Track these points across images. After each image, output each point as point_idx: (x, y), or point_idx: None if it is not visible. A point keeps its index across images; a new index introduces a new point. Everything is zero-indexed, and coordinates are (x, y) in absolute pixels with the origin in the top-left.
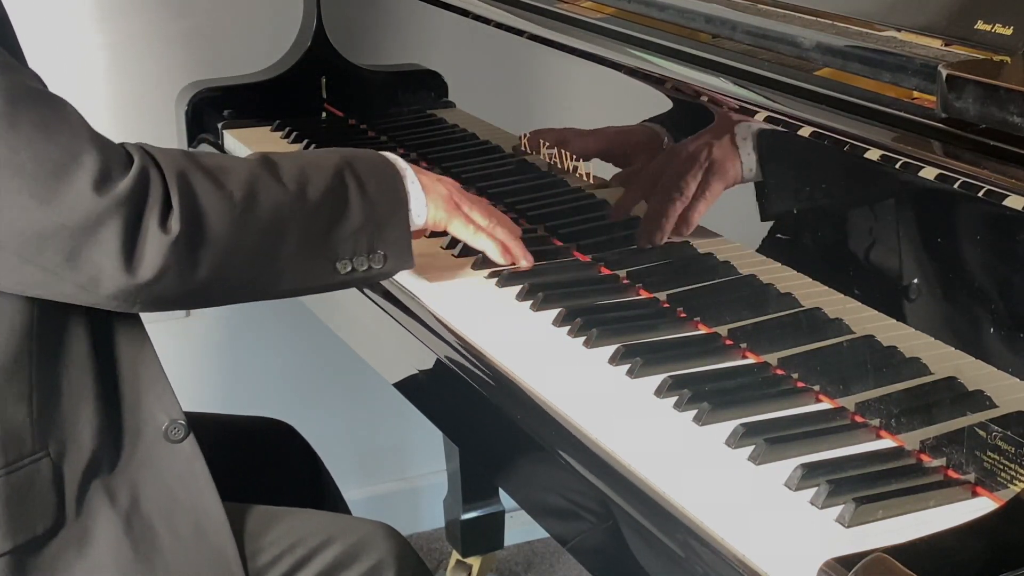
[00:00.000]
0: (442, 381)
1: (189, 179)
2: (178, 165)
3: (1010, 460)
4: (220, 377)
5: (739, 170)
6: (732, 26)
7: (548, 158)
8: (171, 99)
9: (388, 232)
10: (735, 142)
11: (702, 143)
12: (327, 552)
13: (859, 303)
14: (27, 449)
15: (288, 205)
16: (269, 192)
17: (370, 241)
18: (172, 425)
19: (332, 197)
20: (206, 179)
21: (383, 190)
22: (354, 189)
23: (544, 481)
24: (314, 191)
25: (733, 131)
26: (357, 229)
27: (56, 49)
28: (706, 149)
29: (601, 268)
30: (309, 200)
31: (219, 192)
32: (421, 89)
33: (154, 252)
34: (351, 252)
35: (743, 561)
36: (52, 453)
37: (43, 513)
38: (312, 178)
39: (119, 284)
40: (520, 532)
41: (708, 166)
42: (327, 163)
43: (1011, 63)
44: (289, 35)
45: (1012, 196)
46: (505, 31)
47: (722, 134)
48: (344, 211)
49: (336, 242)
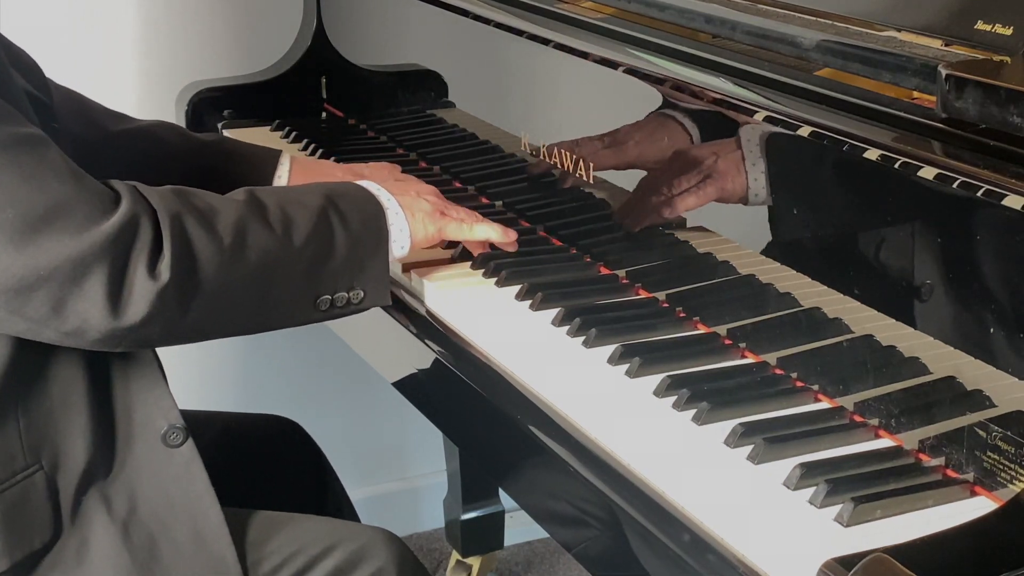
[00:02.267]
0: (442, 381)
1: (183, 223)
2: (171, 207)
3: (1010, 460)
4: (220, 377)
5: (745, 188)
6: (732, 26)
7: (548, 158)
8: (171, 99)
9: (368, 270)
10: (745, 160)
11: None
12: (328, 560)
13: (858, 303)
14: (19, 465)
15: (275, 248)
16: (257, 236)
17: (350, 279)
18: (170, 430)
19: (317, 238)
20: (198, 224)
21: (366, 228)
22: (338, 228)
23: (543, 481)
24: (299, 233)
25: (746, 149)
26: (339, 268)
27: (56, 49)
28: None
29: (600, 268)
30: (295, 242)
31: (210, 237)
32: (421, 89)
33: (141, 298)
34: (332, 290)
35: (742, 560)
36: (45, 466)
37: (40, 527)
38: (297, 219)
39: (105, 329)
40: (520, 532)
41: (711, 176)
42: (312, 202)
43: (1011, 63)
44: (289, 35)
45: (1012, 196)
46: (505, 31)
47: (734, 149)
48: (329, 251)
49: (318, 281)
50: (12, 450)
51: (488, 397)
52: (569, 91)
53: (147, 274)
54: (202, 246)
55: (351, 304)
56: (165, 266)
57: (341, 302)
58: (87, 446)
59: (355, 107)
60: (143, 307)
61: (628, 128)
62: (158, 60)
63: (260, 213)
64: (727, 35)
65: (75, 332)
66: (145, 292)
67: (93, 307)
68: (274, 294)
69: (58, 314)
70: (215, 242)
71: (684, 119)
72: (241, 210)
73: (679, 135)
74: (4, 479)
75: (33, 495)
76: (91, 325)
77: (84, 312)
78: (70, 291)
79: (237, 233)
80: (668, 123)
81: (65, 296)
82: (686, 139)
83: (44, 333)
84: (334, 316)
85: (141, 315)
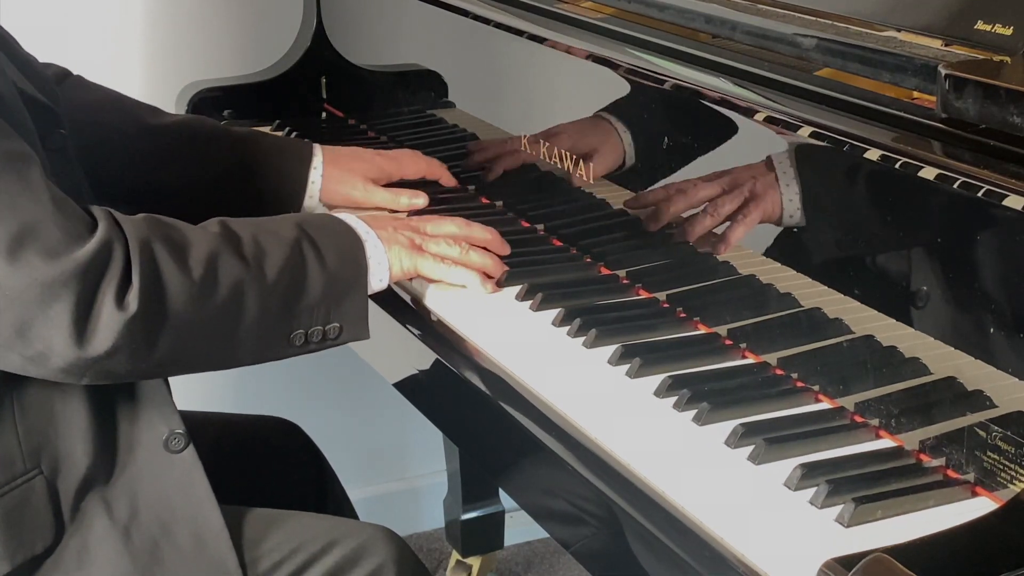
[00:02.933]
0: (442, 381)
1: (153, 254)
2: (143, 236)
3: (1010, 460)
4: (220, 377)
5: (779, 207)
6: (732, 26)
7: (548, 158)
8: (171, 99)
9: (346, 305)
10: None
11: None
12: (328, 557)
13: (859, 303)
14: (18, 469)
15: (247, 282)
16: (228, 269)
17: (326, 314)
18: (172, 436)
19: (290, 272)
20: (169, 256)
21: (343, 262)
22: (312, 262)
23: (543, 481)
24: (272, 266)
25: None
26: (315, 303)
27: (56, 49)
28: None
29: (601, 268)
30: (267, 276)
31: (180, 269)
32: (421, 89)
33: (107, 328)
34: (307, 325)
35: (742, 561)
36: (45, 470)
37: (41, 531)
38: (270, 252)
39: (68, 359)
40: (520, 532)
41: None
42: (286, 234)
43: (1011, 63)
44: (289, 35)
45: (1012, 196)
46: (505, 31)
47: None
48: (302, 285)
49: (292, 316)
50: (11, 455)
51: (489, 397)
52: (569, 91)
53: (115, 304)
54: (172, 278)
55: (327, 339)
56: (133, 297)
57: (316, 336)
58: (88, 451)
59: (355, 107)
60: (109, 338)
61: (629, 128)
62: (159, 60)
63: (233, 245)
64: (727, 35)
65: (38, 358)
66: (112, 323)
67: (58, 334)
68: (245, 329)
69: (22, 338)
70: (185, 274)
71: (683, 119)
72: (213, 243)
73: (678, 135)
74: (4, 483)
75: (33, 499)
76: (55, 352)
77: (48, 338)
78: (36, 315)
79: (208, 266)
80: (666, 123)
81: (31, 320)
82: (686, 139)
83: (7, 357)
84: (309, 351)
85: (106, 346)
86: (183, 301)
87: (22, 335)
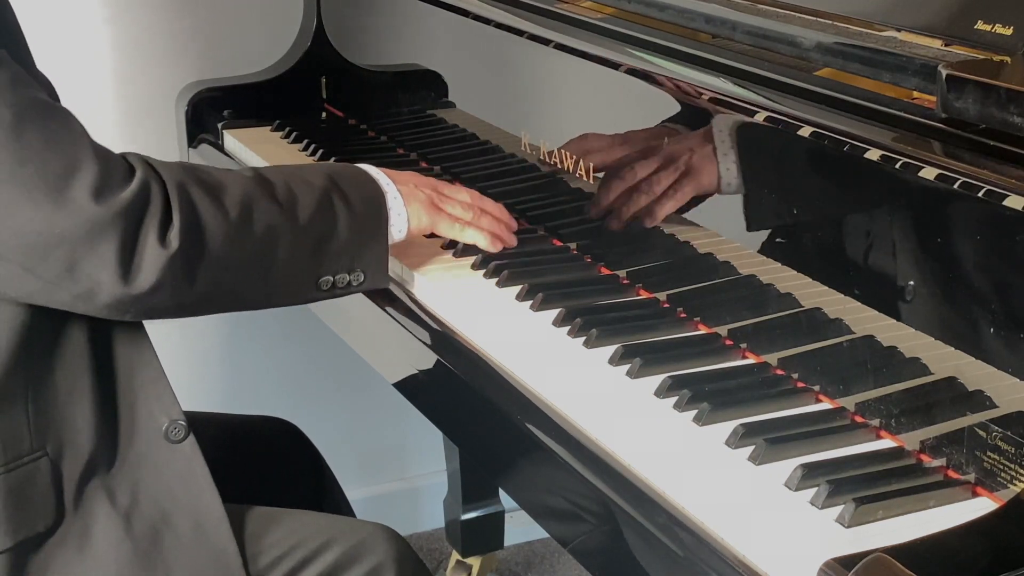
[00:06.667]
0: (442, 381)
1: (190, 194)
2: (179, 179)
3: (1010, 460)
4: (220, 377)
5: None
6: (732, 26)
7: (548, 158)
8: (171, 99)
9: (368, 252)
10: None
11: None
12: (327, 554)
13: (859, 303)
14: (25, 448)
15: (280, 224)
16: (263, 211)
17: (351, 260)
18: (172, 425)
19: (320, 217)
20: (205, 195)
21: (367, 210)
22: (341, 209)
23: (544, 481)
24: (304, 211)
25: (718, 138)
26: (341, 248)
27: (56, 49)
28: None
29: (601, 268)
30: (299, 219)
31: (217, 209)
32: (421, 89)
33: (151, 265)
34: (333, 270)
35: (743, 561)
36: (50, 452)
37: (43, 511)
38: (301, 197)
39: (115, 295)
40: (520, 532)
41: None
42: (316, 182)
43: (1011, 63)
44: (289, 35)
45: (1012, 196)
46: (505, 31)
47: (708, 138)
48: (332, 231)
49: (320, 260)
50: (20, 432)
51: (489, 397)
52: (569, 91)
53: (158, 242)
54: (209, 217)
55: (351, 285)
56: (174, 234)
57: (342, 283)
58: (91, 438)
59: (355, 107)
60: (153, 274)
61: (629, 128)
62: (159, 60)
63: (266, 189)
64: (727, 35)
65: (86, 295)
66: (155, 259)
67: (105, 271)
68: (278, 270)
69: (71, 275)
70: (222, 214)
71: (683, 119)
72: (248, 186)
73: (677, 135)
74: (11, 459)
75: (38, 480)
76: (102, 289)
77: (96, 275)
78: (84, 254)
79: (244, 207)
80: (667, 124)
81: (79, 258)
82: (686, 138)
83: (56, 295)
84: (335, 296)
85: (151, 282)
86: (220, 239)
87: (71, 273)
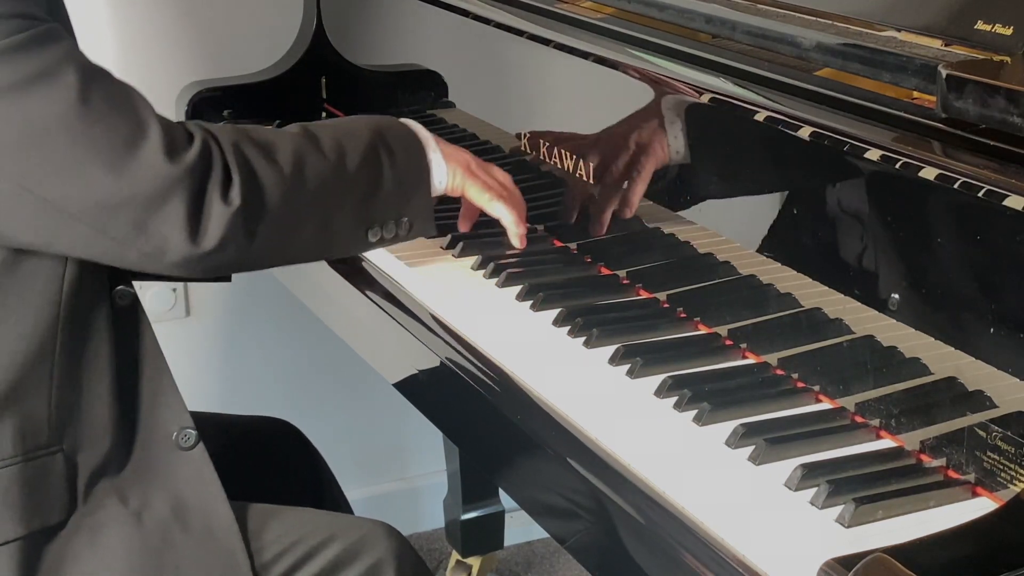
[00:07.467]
0: (442, 381)
1: (245, 154)
2: (233, 139)
3: (1010, 460)
4: (220, 377)
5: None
6: (732, 26)
7: (548, 158)
8: (171, 99)
9: (414, 200)
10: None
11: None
12: (328, 550)
13: (859, 303)
14: (43, 440)
15: (330, 177)
16: (314, 165)
17: (399, 209)
18: (182, 433)
19: (367, 168)
20: (259, 153)
21: (410, 160)
22: (386, 160)
23: (544, 481)
24: (352, 162)
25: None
26: (388, 198)
27: None
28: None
29: (601, 268)
30: (348, 171)
31: (272, 166)
32: (421, 89)
33: (217, 223)
34: (382, 219)
35: (743, 561)
36: (66, 449)
37: (57, 504)
38: (349, 150)
39: (183, 253)
40: (520, 532)
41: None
42: (361, 134)
43: (1011, 63)
44: (289, 35)
45: (1012, 196)
46: (505, 31)
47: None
48: (378, 181)
49: (370, 210)
50: (40, 424)
51: (489, 397)
52: (569, 91)
53: (221, 200)
54: (265, 174)
55: (399, 234)
56: (236, 192)
57: (391, 233)
58: (106, 439)
59: (355, 107)
60: (218, 232)
61: (628, 128)
62: (159, 60)
63: (315, 143)
64: (727, 35)
65: (155, 253)
66: (220, 218)
67: (174, 230)
68: (332, 221)
69: (140, 234)
70: (276, 171)
71: (683, 119)
72: (297, 141)
73: (677, 135)
74: (29, 450)
75: (52, 473)
76: (171, 247)
77: (166, 234)
78: (153, 213)
79: (296, 162)
80: (666, 124)
81: (148, 218)
82: (686, 139)
83: (126, 254)
84: (384, 244)
85: (216, 240)
86: (278, 195)
87: (141, 231)
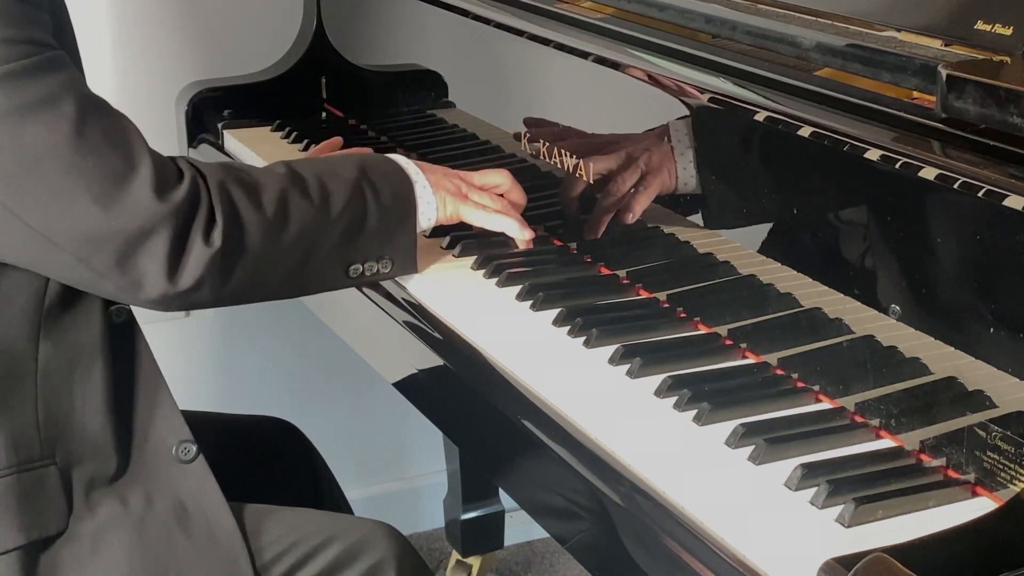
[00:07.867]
0: (442, 381)
1: (231, 194)
2: (220, 179)
3: (1010, 460)
4: (219, 377)
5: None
6: (732, 26)
7: (548, 158)
8: (171, 99)
9: (397, 240)
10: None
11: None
12: (328, 551)
13: (859, 303)
14: (35, 453)
15: (313, 220)
16: (297, 208)
17: (380, 248)
18: (181, 447)
19: (351, 209)
20: (244, 195)
21: (396, 200)
22: (371, 199)
23: (544, 481)
24: (336, 205)
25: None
26: (371, 238)
27: None
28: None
29: (601, 268)
30: (332, 214)
31: (256, 208)
32: (421, 89)
33: (196, 263)
34: (363, 258)
35: (743, 561)
36: (60, 462)
37: (55, 515)
38: (333, 191)
39: (160, 290)
40: (520, 532)
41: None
42: (346, 174)
43: (1011, 63)
44: (289, 35)
45: (1012, 196)
46: (505, 31)
47: (731, 149)
48: (362, 222)
49: (351, 251)
50: (29, 437)
51: (489, 397)
52: (569, 91)
53: (203, 241)
54: (248, 216)
55: (380, 272)
56: (218, 234)
57: (371, 271)
58: (100, 454)
59: (355, 107)
60: (196, 272)
61: (628, 128)
62: (158, 60)
63: (300, 186)
64: (727, 35)
65: (130, 288)
66: (199, 258)
67: (152, 267)
68: (311, 262)
69: (120, 268)
70: (260, 213)
71: (683, 119)
72: (282, 183)
73: (677, 135)
74: (22, 461)
75: (48, 485)
76: (148, 283)
77: (144, 270)
78: (136, 249)
79: (280, 205)
80: (668, 123)
81: (131, 253)
82: (686, 139)
83: (103, 286)
84: (364, 283)
85: (193, 280)
86: (259, 237)
87: (120, 266)
